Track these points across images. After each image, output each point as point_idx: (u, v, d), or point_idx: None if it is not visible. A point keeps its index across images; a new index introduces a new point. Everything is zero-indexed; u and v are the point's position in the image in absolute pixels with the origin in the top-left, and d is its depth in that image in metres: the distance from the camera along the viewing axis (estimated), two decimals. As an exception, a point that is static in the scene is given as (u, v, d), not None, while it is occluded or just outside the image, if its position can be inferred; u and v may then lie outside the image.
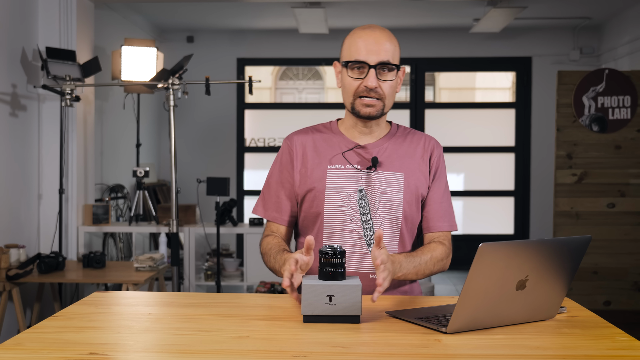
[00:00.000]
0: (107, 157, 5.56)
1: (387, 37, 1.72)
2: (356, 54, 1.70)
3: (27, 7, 4.13)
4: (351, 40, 1.73)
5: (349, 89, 1.73)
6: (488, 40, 6.83)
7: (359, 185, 1.74)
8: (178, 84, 3.81)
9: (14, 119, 3.96)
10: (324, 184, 1.75)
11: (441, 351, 1.22)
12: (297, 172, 1.79)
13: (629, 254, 4.64)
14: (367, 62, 1.69)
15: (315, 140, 1.81)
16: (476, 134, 6.99)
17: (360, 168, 1.75)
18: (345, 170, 1.75)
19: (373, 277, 1.72)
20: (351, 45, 1.72)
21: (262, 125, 7.14)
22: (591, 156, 4.63)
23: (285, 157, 1.82)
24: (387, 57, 1.69)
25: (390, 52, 1.70)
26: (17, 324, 3.71)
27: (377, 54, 1.69)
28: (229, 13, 6.17)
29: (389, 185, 1.74)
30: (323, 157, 1.78)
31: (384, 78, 1.71)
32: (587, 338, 1.31)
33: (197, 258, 4.62)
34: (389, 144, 1.79)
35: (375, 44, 1.69)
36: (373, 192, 1.73)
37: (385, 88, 1.71)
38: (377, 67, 1.69)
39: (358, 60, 1.69)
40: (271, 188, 1.84)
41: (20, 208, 4.05)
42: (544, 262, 1.34)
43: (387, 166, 1.76)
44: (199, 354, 1.19)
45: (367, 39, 1.70)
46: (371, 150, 1.77)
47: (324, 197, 1.74)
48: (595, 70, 4.67)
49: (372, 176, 1.74)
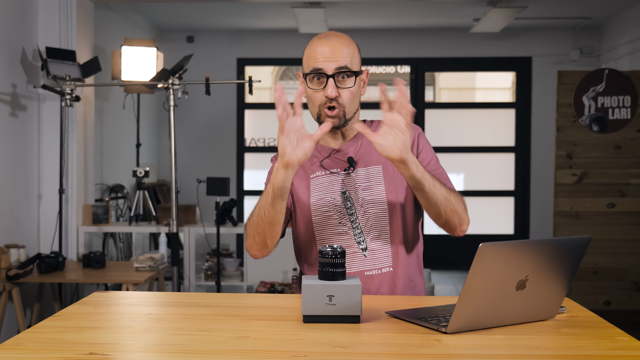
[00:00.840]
0: (107, 157, 5.56)
1: (343, 43, 1.69)
2: (313, 63, 1.68)
3: (27, 7, 4.13)
4: (309, 50, 1.72)
5: (313, 100, 1.72)
6: (488, 40, 6.83)
7: (342, 187, 1.74)
8: (178, 84, 3.81)
9: (14, 119, 3.96)
10: (309, 194, 1.76)
11: (441, 351, 1.22)
12: None
13: (629, 254, 4.64)
14: (325, 71, 1.67)
15: None
16: (476, 134, 6.99)
17: (338, 171, 1.76)
18: (327, 176, 1.76)
19: (368, 273, 1.72)
20: (309, 56, 1.71)
21: (262, 125, 7.14)
22: (591, 156, 4.63)
23: None
24: (344, 63, 1.67)
25: (347, 57, 1.68)
26: (17, 324, 3.71)
27: (334, 61, 1.67)
28: (229, 13, 6.17)
29: (370, 180, 1.74)
30: (304, 169, 1.79)
31: (343, 85, 1.69)
32: (587, 338, 1.31)
33: (197, 258, 4.62)
34: (363, 140, 1.78)
35: (331, 52, 1.68)
36: (355, 191, 1.74)
37: (345, 96, 1.69)
38: (334, 76, 1.67)
39: (315, 69, 1.68)
40: None
41: (20, 208, 4.05)
42: (544, 262, 1.34)
43: (365, 162, 1.76)
44: (199, 354, 1.19)
45: (323, 48, 1.68)
46: (346, 151, 1.78)
47: (310, 205, 1.75)
48: (595, 70, 4.67)
49: (351, 176, 1.75)
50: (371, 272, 1.73)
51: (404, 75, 7.13)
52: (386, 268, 1.73)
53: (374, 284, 1.73)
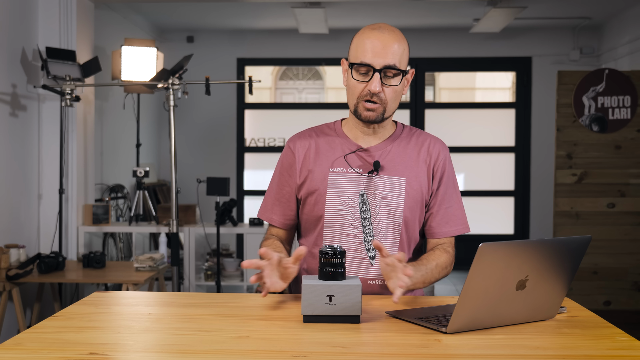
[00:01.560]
0: (107, 157, 5.55)
1: (395, 39, 1.67)
2: (362, 55, 1.65)
3: (27, 7, 4.13)
4: (359, 40, 1.68)
5: (353, 91, 1.70)
6: (488, 40, 6.83)
7: (361, 189, 1.71)
8: (178, 84, 3.81)
9: (14, 119, 3.96)
10: (326, 187, 1.73)
11: (441, 351, 1.22)
12: (299, 175, 1.77)
13: (629, 254, 4.64)
14: (373, 65, 1.64)
15: (318, 142, 1.78)
16: (476, 134, 6.99)
17: (361, 172, 1.72)
18: (347, 174, 1.73)
19: (372, 283, 1.71)
20: (358, 46, 1.67)
21: (262, 125, 7.14)
22: (591, 156, 4.63)
23: (287, 160, 1.80)
24: (393, 60, 1.65)
25: (397, 55, 1.66)
26: (17, 324, 3.71)
27: (383, 58, 1.64)
28: (229, 13, 6.17)
29: (390, 190, 1.71)
30: (325, 160, 1.75)
31: (388, 83, 1.67)
32: (587, 338, 1.31)
33: (197, 258, 4.62)
34: (392, 146, 1.76)
35: (382, 46, 1.64)
36: (374, 197, 1.71)
37: (388, 93, 1.67)
38: (382, 71, 1.65)
39: (364, 63, 1.65)
40: (272, 191, 1.83)
41: (20, 208, 4.05)
42: (544, 262, 1.34)
43: (390, 170, 1.73)
44: (199, 354, 1.19)
45: (374, 41, 1.65)
46: (374, 153, 1.74)
47: (325, 200, 1.72)
48: (595, 70, 4.67)
49: (373, 180, 1.72)
50: (374, 281, 1.71)
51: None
52: None
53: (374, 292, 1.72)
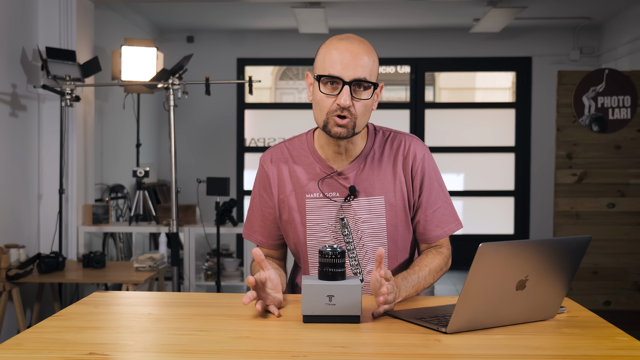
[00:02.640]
0: (107, 157, 5.56)
1: (365, 51, 1.57)
2: (330, 67, 1.56)
3: (27, 7, 4.13)
4: (326, 51, 1.59)
5: (321, 105, 1.59)
6: (488, 40, 6.83)
7: (340, 213, 1.67)
8: (178, 84, 3.81)
9: (14, 119, 3.96)
10: (305, 214, 1.69)
11: (441, 351, 1.22)
12: (276, 198, 1.73)
13: (629, 254, 4.64)
14: (342, 78, 1.55)
15: (292, 166, 1.72)
16: (476, 134, 6.99)
17: (338, 196, 1.67)
18: (324, 199, 1.68)
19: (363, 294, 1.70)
20: (326, 57, 1.58)
21: (262, 125, 7.14)
22: (591, 156, 4.63)
23: (263, 181, 1.75)
24: (364, 73, 1.55)
25: (367, 68, 1.56)
26: (17, 324, 3.71)
27: (353, 70, 1.55)
28: (229, 13, 6.17)
29: (370, 213, 1.67)
30: (299, 186, 1.70)
31: (358, 96, 1.57)
32: (587, 338, 1.31)
33: (197, 258, 4.62)
34: (366, 165, 1.68)
35: (352, 58, 1.55)
36: (354, 221, 1.67)
37: (358, 107, 1.57)
38: (352, 84, 1.56)
39: (332, 75, 1.55)
40: (254, 212, 1.78)
41: (20, 208, 4.05)
42: (544, 262, 1.34)
43: (366, 192, 1.67)
44: (199, 354, 1.19)
45: (343, 52, 1.55)
46: (348, 175, 1.67)
47: (305, 228, 1.69)
48: (595, 70, 4.67)
49: (351, 204, 1.67)
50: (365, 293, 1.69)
51: (404, 75, 7.12)
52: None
53: None
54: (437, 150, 6.83)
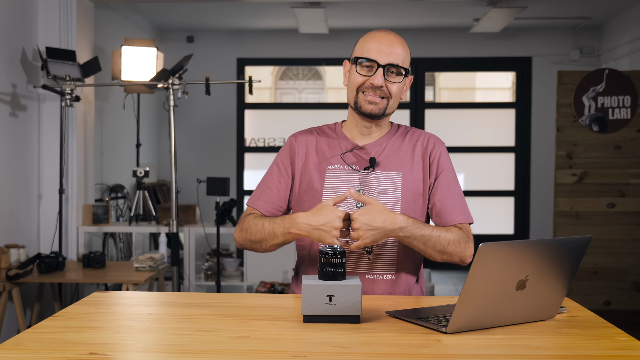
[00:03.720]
0: (107, 157, 5.56)
1: (400, 43, 1.74)
2: (367, 52, 1.72)
3: (27, 7, 4.13)
4: (364, 40, 1.75)
5: (354, 82, 1.74)
6: (488, 40, 6.83)
7: (357, 185, 1.73)
8: (178, 84, 3.81)
9: (14, 119, 3.96)
10: (322, 184, 1.75)
11: (441, 351, 1.22)
12: (298, 170, 1.79)
13: (629, 254, 4.64)
14: (377, 61, 1.71)
15: (319, 141, 1.82)
16: (476, 134, 6.99)
17: (357, 168, 1.75)
18: (344, 171, 1.76)
19: (369, 277, 1.72)
20: (364, 45, 1.74)
21: (262, 125, 7.14)
22: (591, 156, 4.63)
23: (287, 153, 1.82)
24: (397, 60, 1.72)
25: (401, 56, 1.73)
26: (17, 324, 3.71)
27: (388, 56, 1.71)
28: (229, 13, 6.17)
29: (387, 185, 1.74)
30: (323, 158, 1.79)
31: (391, 79, 1.72)
32: (587, 338, 1.31)
33: (197, 258, 4.62)
34: (388, 143, 1.79)
35: (388, 46, 1.72)
36: (371, 192, 1.73)
37: (391, 88, 1.73)
38: (386, 67, 1.71)
39: (368, 58, 1.71)
40: (265, 181, 1.84)
41: (20, 208, 4.05)
42: (544, 262, 1.34)
43: (385, 166, 1.76)
44: (199, 354, 1.19)
45: (380, 41, 1.72)
46: (369, 150, 1.78)
47: (322, 197, 1.74)
48: (595, 70, 4.67)
49: (369, 176, 1.74)
50: (372, 276, 1.72)
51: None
52: (388, 275, 1.73)
53: (372, 288, 1.72)
54: (437, 150, 6.82)
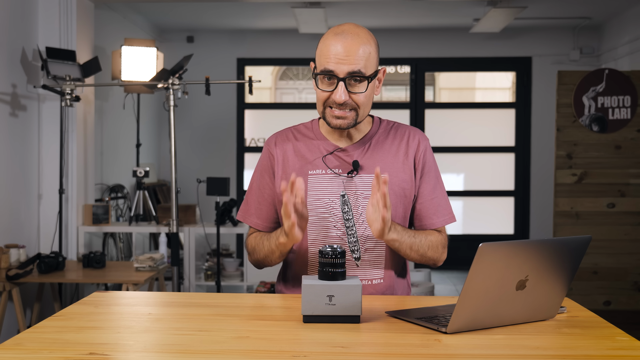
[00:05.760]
0: (107, 157, 5.55)
1: (359, 43, 1.58)
2: (325, 61, 1.59)
3: (27, 7, 4.13)
4: (322, 46, 1.62)
5: (319, 97, 1.64)
6: (488, 40, 6.83)
7: (341, 190, 1.68)
8: (178, 84, 3.81)
9: (14, 119, 3.96)
10: (306, 190, 1.68)
11: (441, 351, 1.22)
12: (278, 177, 1.73)
13: (629, 254, 4.64)
14: (336, 73, 1.58)
15: (296, 144, 1.75)
16: (476, 134, 6.99)
17: (340, 172, 1.69)
18: (326, 175, 1.69)
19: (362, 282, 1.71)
20: (321, 53, 1.61)
21: (262, 125, 7.14)
22: (591, 156, 4.63)
23: (265, 162, 1.77)
24: (358, 66, 1.57)
25: (362, 60, 1.58)
26: (17, 324, 3.71)
27: (347, 63, 1.57)
28: (229, 13, 6.17)
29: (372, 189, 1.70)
30: (303, 163, 1.72)
31: (354, 90, 1.60)
32: (587, 338, 1.31)
33: (197, 258, 4.62)
34: (370, 144, 1.72)
35: (345, 53, 1.57)
36: (355, 197, 1.68)
37: (357, 99, 1.61)
38: (346, 79, 1.58)
39: (327, 70, 1.59)
40: (252, 193, 1.79)
41: (20, 208, 4.05)
42: (544, 262, 1.34)
43: (369, 169, 1.69)
44: (199, 354, 1.19)
45: (336, 47, 1.58)
46: (352, 152, 1.70)
47: (306, 204, 1.69)
48: (595, 70, 4.67)
49: (353, 180, 1.68)
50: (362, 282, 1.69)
51: (404, 75, 7.12)
52: (377, 280, 1.71)
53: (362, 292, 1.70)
54: (437, 150, 6.83)
